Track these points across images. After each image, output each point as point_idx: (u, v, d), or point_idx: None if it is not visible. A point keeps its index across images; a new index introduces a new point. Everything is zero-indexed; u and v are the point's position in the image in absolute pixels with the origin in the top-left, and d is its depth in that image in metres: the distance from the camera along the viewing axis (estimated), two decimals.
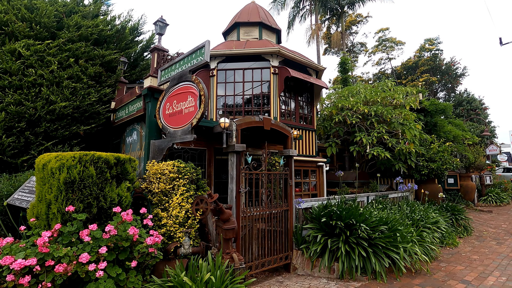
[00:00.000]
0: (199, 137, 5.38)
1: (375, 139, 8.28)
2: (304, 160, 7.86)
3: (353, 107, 8.73)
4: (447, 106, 11.74)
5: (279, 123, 5.37)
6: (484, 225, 8.94)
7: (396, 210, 6.85)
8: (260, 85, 7.69)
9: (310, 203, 5.71)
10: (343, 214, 5.00)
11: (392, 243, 4.70)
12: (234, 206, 4.43)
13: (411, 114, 8.59)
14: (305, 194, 7.86)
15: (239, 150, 4.54)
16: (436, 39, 21.62)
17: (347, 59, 15.65)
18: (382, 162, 9.24)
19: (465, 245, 6.77)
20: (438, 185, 8.82)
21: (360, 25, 25.06)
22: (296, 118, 8.13)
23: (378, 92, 9.15)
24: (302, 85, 8.50)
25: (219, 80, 7.77)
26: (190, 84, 4.02)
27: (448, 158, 8.58)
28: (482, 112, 19.30)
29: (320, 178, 8.19)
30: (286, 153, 5.43)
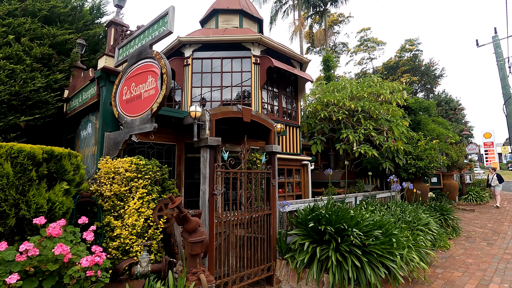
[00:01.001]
0: (167, 130, 4.60)
1: (362, 136, 7.83)
2: (288, 159, 7.24)
3: (339, 103, 8.25)
4: (431, 104, 11.61)
5: (260, 114, 4.70)
6: (470, 224, 8.72)
7: (386, 211, 6.39)
8: (240, 76, 7.00)
9: (295, 206, 5.08)
10: (333, 218, 4.40)
11: (388, 250, 4.15)
12: (206, 211, 3.70)
13: (399, 110, 8.22)
14: (289, 195, 7.24)
15: (213, 145, 3.82)
16: (416, 39, 21.95)
17: (330, 57, 15.29)
18: (369, 161, 8.83)
19: (456, 247, 6.40)
20: (426, 184, 8.52)
21: (342, 25, 25.04)
22: (279, 113, 7.51)
23: (365, 87, 8.72)
24: (286, 78, 7.89)
25: (194, 70, 7.00)
26: (150, 62, 3.27)
27: (435, 156, 8.29)
28: (460, 112, 19.67)
29: (305, 178, 7.62)
30: (268, 149, 4.77)
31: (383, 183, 10.87)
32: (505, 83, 17.31)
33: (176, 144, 4.63)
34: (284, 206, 4.39)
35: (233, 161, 4.08)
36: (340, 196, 6.30)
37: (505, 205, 12.49)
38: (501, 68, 17.52)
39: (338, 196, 6.30)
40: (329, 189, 6.82)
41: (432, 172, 8.38)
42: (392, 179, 6.03)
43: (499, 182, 11.21)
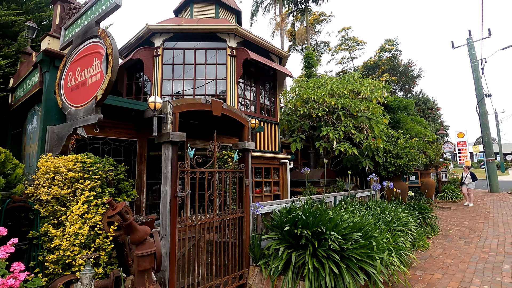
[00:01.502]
0: (127, 124, 4.10)
1: (342, 134, 7.61)
2: (266, 157, 6.89)
3: (319, 99, 7.99)
4: (409, 103, 11.66)
5: (233, 108, 4.30)
6: (447, 222, 8.75)
7: (366, 211, 6.18)
8: (215, 69, 6.55)
9: (271, 207, 4.72)
10: (310, 221, 4.08)
11: (367, 254, 3.88)
12: (167, 216, 3.26)
13: (379, 108, 8.08)
14: (266, 195, 6.89)
15: (176, 140, 3.38)
16: (395, 40, 22.33)
17: (311, 54, 15.11)
18: (349, 159, 8.65)
19: (435, 247, 6.30)
20: (405, 183, 8.45)
21: (323, 23, 25.07)
22: (257, 109, 7.13)
23: (345, 84, 8.53)
24: (264, 72, 7.53)
25: (165, 61, 6.49)
26: (97, 41, 2.79)
27: (414, 155, 8.22)
28: (436, 112, 20.16)
29: (284, 177, 7.30)
30: (241, 146, 4.38)
31: (363, 182, 10.78)
32: (478, 84, 17.90)
33: (137, 140, 4.13)
34: (257, 208, 4.01)
35: (201, 159, 3.66)
36: (319, 196, 6.02)
37: (478, 202, 12.81)
38: (474, 69, 18.11)
39: (317, 196, 6.02)
40: (308, 188, 6.54)
41: (411, 171, 8.33)
42: (372, 178, 5.83)
43: (473, 180, 11.43)
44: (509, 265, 5.05)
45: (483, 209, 11.05)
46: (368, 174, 9.64)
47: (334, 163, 9.65)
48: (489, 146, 17.17)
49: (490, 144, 17.19)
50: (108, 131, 3.82)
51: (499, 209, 11.07)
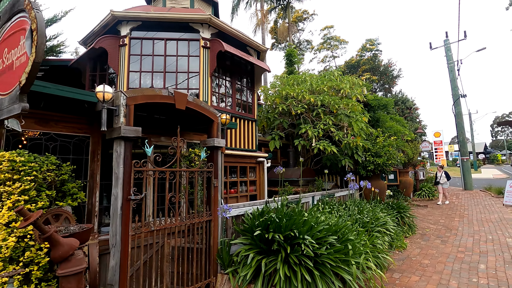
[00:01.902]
0: (78, 118, 3.63)
1: (321, 131, 7.39)
2: (242, 155, 6.55)
3: (298, 96, 7.74)
4: (389, 101, 11.67)
5: (200, 102, 3.92)
6: (424, 221, 8.77)
7: (344, 211, 5.99)
8: (187, 61, 6.13)
9: (242, 209, 4.39)
10: (283, 224, 3.78)
11: (343, 259, 3.64)
12: (118, 222, 2.85)
13: (358, 105, 7.93)
14: (242, 195, 6.56)
15: (130, 136, 2.97)
16: (376, 39, 22.61)
17: (293, 51, 14.91)
18: (328, 158, 8.47)
19: (412, 246, 6.21)
20: (383, 182, 8.38)
21: (306, 22, 25.00)
22: (232, 105, 6.77)
23: (325, 81, 8.33)
24: (241, 66, 7.18)
25: (133, 52, 5.99)
26: (23, 16, 2.33)
27: (393, 153, 8.16)
28: (414, 111, 20.56)
29: (261, 176, 6.99)
30: (210, 143, 4.02)
31: (343, 181, 10.67)
32: (454, 84, 18.37)
33: (90, 136, 3.67)
34: (225, 211, 3.67)
35: (160, 158, 3.27)
36: (296, 196, 5.76)
37: (454, 200, 13.09)
38: (451, 70, 18.57)
39: (293, 196, 5.76)
40: (285, 188, 6.27)
41: (390, 169, 8.27)
42: (349, 177, 5.62)
43: (447, 179, 11.62)
44: (485, 265, 5.00)
45: (458, 207, 11.25)
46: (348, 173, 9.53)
47: (314, 162, 9.46)
48: (464, 145, 17.67)
49: (465, 143, 17.70)
50: (54, 125, 3.35)
51: (473, 206, 11.32)
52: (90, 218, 3.50)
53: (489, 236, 6.88)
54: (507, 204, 10.98)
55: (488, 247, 6.05)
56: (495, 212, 9.97)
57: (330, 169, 10.46)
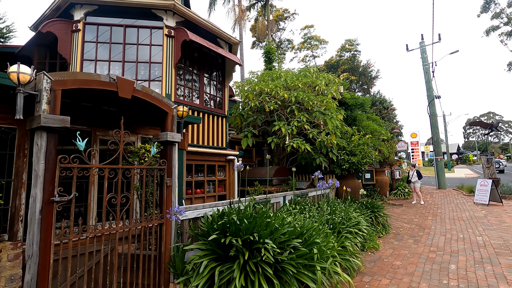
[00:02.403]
0: (1, 107, 3.11)
1: (295, 129, 7.12)
2: (209, 153, 6.15)
3: (271, 92, 7.44)
4: (366, 100, 11.65)
5: (151, 91, 3.49)
6: (398, 220, 8.72)
7: (317, 212, 5.74)
8: (149, 51, 5.65)
9: (202, 211, 4.00)
10: (243, 227, 3.43)
11: (308, 264, 3.33)
12: (35, 229, 2.38)
13: (333, 103, 7.73)
14: (209, 196, 6.15)
15: (54, 127, 2.51)
16: (355, 40, 22.85)
17: (272, 49, 14.67)
18: (303, 156, 8.23)
19: (385, 247, 6.04)
20: (358, 181, 8.24)
21: (287, 21, 24.91)
22: (200, 99, 6.35)
23: (300, 77, 8.08)
24: (211, 59, 6.77)
25: (87, 39, 5.45)
26: None
27: (368, 152, 8.03)
28: (392, 112, 20.90)
29: (231, 175, 6.61)
30: (162, 137, 3.60)
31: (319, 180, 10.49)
32: (429, 86, 18.80)
33: (17, 128, 3.15)
34: (176, 214, 3.26)
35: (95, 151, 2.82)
36: (265, 196, 5.42)
37: (428, 199, 13.29)
38: (426, 72, 19.00)
39: (263, 196, 5.42)
40: (255, 188, 5.93)
41: (365, 168, 8.15)
42: (317, 176, 5.36)
43: (419, 178, 11.74)
44: (455, 265, 4.88)
45: (432, 206, 11.39)
46: (324, 172, 9.33)
47: (289, 160, 9.20)
48: (438, 145, 18.11)
49: (439, 143, 18.14)
50: None
51: (446, 205, 11.49)
52: (13, 224, 2.99)
53: (460, 235, 6.86)
54: (478, 202, 11.21)
55: (459, 246, 5.99)
56: (466, 210, 10.13)
57: (305, 168, 10.26)
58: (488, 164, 12.14)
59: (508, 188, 12.59)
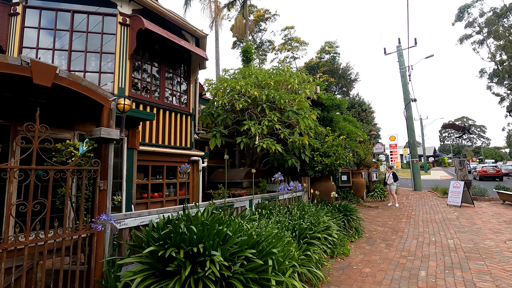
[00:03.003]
0: None
1: (265, 128, 6.76)
2: (170, 153, 5.66)
3: (241, 89, 7.05)
4: (342, 101, 11.50)
5: (79, 79, 2.99)
6: (372, 223, 8.54)
7: (284, 216, 5.39)
8: (100, 40, 5.11)
9: (147, 218, 3.52)
10: (188, 236, 2.99)
11: (259, 279, 2.93)
12: None
13: (306, 102, 7.44)
14: (169, 200, 5.65)
15: None
16: (334, 42, 22.95)
17: (250, 47, 14.29)
18: (276, 158, 7.88)
19: (356, 252, 5.77)
20: (332, 183, 7.99)
21: (268, 22, 24.71)
22: (160, 95, 5.85)
23: (272, 75, 7.74)
24: (175, 52, 6.30)
25: (28, 24, 4.84)
26: None
27: (342, 153, 7.79)
28: (370, 114, 21.09)
29: (195, 178, 6.14)
30: (96, 133, 3.10)
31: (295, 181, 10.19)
32: (406, 89, 19.09)
33: None
34: (103, 223, 2.77)
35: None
36: (230, 200, 5.00)
37: (403, 201, 13.33)
38: (403, 75, 19.29)
39: (228, 200, 4.99)
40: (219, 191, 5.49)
41: (338, 170, 7.91)
42: (277, 178, 5.00)
43: (394, 180, 11.72)
44: (425, 272, 4.65)
45: (407, 207, 11.37)
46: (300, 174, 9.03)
47: (262, 162, 8.84)
48: (414, 147, 18.38)
49: (415, 145, 18.42)
50: None
51: (421, 207, 11.52)
52: None
53: (432, 238, 6.72)
54: (451, 204, 11.30)
55: (431, 250, 5.82)
56: (440, 212, 10.14)
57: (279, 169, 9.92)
58: (461, 166, 12.31)
59: (479, 190, 12.83)
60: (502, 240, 6.33)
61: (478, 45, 49.11)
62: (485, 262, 4.95)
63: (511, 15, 44.79)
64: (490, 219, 8.61)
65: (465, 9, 49.59)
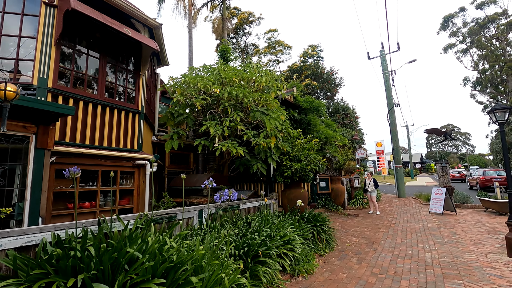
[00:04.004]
0: None
1: (227, 130, 6.07)
2: (107, 156, 4.89)
3: (201, 86, 6.38)
4: (321, 104, 10.96)
5: None
6: (349, 233, 7.91)
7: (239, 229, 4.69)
8: (20, 21, 4.36)
9: (38, 237, 2.75)
10: (71, 263, 2.25)
11: None
12: None
13: (273, 101, 6.81)
14: (105, 210, 4.85)
15: None
16: (318, 46, 22.67)
17: (228, 48, 13.69)
18: (242, 162, 7.18)
19: (322, 269, 5.09)
20: (302, 190, 7.32)
21: (253, 25, 24.28)
22: (99, 89, 5.11)
23: (238, 72, 7.11)
24: (121, 42, 5.59)
25: None
26: None
27: (313, 157, 7.16)
28: (355, 120, 20.72)
29: (141, 185, 5.37)
30: None
31: (268, 188, 9.51)
32: (389, 94, 18.81)
33: None
34: None
35: None
36: (169, 211, 4.25)
37: (385, 208, 12.80)
38: (386, 80, 19.02)
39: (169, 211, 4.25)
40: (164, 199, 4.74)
41: (310, 176, 7.27)
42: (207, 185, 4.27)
43: (375, 187, 11.19)
44: None
45: (388, 215, 10.82)
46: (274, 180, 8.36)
47: (231, 168, 8.14)
48: (397, 153, 18.02)
49: (398, 151, 18.06)
50: None
51: (402, 215, 10.99)
52: None
53: (409, 251, 6.12)
54: (432, 211, 10.82)
55: (405, 265, 5.19)
56: (421, 220, 9.62)
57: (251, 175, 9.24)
58: (443, 172, 11.89)
59: (462, 197, 12.43)
60: (483, 253, 5.77)
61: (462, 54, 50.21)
62: (463, 281, 4.35)
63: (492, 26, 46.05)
64: (471, 228, 8.11)
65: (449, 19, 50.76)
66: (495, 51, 45.21)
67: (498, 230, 7.78)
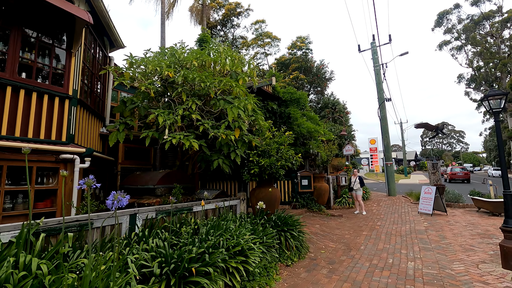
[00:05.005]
0: None
1: (179, 119, 5.19)
2: (18, 148, 3.97)
3: (152, 68, 5.48)
4: (302, 95, 10.11)
5: None
6: (327, 237, 7.10)
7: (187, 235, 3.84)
8: None
9: None
10: None
11: None
12: None
13: (238, 87, 5.94)
14: (13, 215, 3.94)
15: None
16: (307, 37, 21.75)
17: (206, 36, 12.76)
18: (204, 158, 6.31)
19: (284, 284, 4.25)
20: (274, 190, 6.47)
21: (241, 17, 23.28)
22: (9, 68, 4.17)
23: (199, 54, 6.21)
24: (43, 11, 4.64)
25: None
26: None
27: (285, 152, 6.32)
28: (345, 115, 19.93)
29: (68, 183, 4.47)
30: None
31: (241, 187, 8.66)
32: (380, 87, 18.01)
33: None
34: None
35: None
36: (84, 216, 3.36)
37: (373, 208, 12.04)
38: (377, 73, 18.22)
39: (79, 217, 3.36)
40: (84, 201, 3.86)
41: (281, 173, 6.43)
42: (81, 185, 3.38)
43: (361, 185, 10.40)
44: None
45: (375, 216, 10.05)
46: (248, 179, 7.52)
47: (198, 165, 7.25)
48: (388, 150, 17.28)
49: (389, 147, 17.32)
50: None
51: (390, 215, 10.22)
52: None
53: (389, 260, 5.31)
54: (422, 212, 10.06)
55: (382, 279, 4.37)
56: (408, 222, 8.85)
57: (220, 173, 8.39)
58: (434, 170, 11.13)
59: (454, 196, 11.71)
60: (474, 263, 4.99)
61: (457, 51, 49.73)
62: None
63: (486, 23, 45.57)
64: (462, 231, 7.34)
65: (444, 15, 50.19)
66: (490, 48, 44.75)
67: (491, 233, 7.02)
